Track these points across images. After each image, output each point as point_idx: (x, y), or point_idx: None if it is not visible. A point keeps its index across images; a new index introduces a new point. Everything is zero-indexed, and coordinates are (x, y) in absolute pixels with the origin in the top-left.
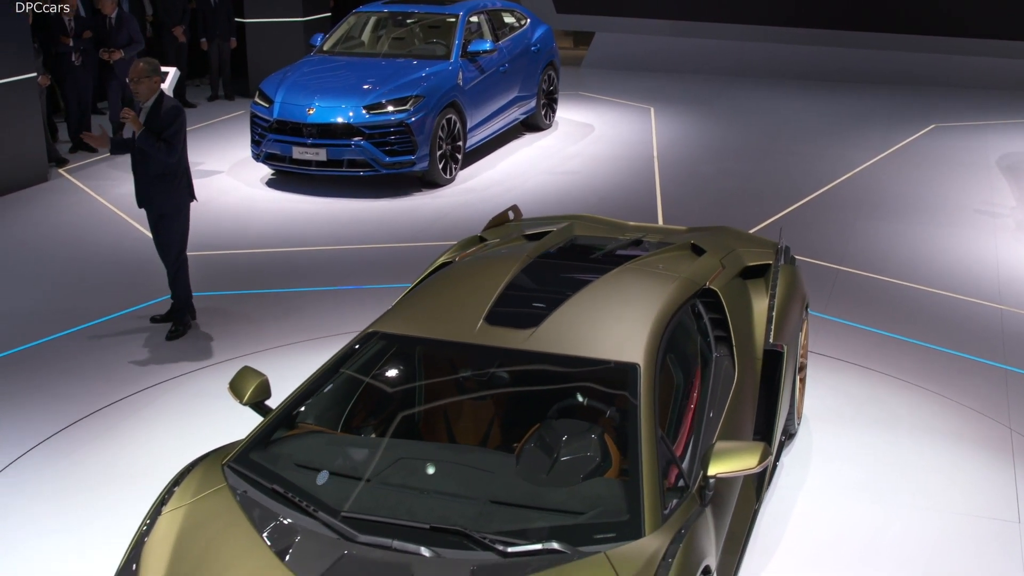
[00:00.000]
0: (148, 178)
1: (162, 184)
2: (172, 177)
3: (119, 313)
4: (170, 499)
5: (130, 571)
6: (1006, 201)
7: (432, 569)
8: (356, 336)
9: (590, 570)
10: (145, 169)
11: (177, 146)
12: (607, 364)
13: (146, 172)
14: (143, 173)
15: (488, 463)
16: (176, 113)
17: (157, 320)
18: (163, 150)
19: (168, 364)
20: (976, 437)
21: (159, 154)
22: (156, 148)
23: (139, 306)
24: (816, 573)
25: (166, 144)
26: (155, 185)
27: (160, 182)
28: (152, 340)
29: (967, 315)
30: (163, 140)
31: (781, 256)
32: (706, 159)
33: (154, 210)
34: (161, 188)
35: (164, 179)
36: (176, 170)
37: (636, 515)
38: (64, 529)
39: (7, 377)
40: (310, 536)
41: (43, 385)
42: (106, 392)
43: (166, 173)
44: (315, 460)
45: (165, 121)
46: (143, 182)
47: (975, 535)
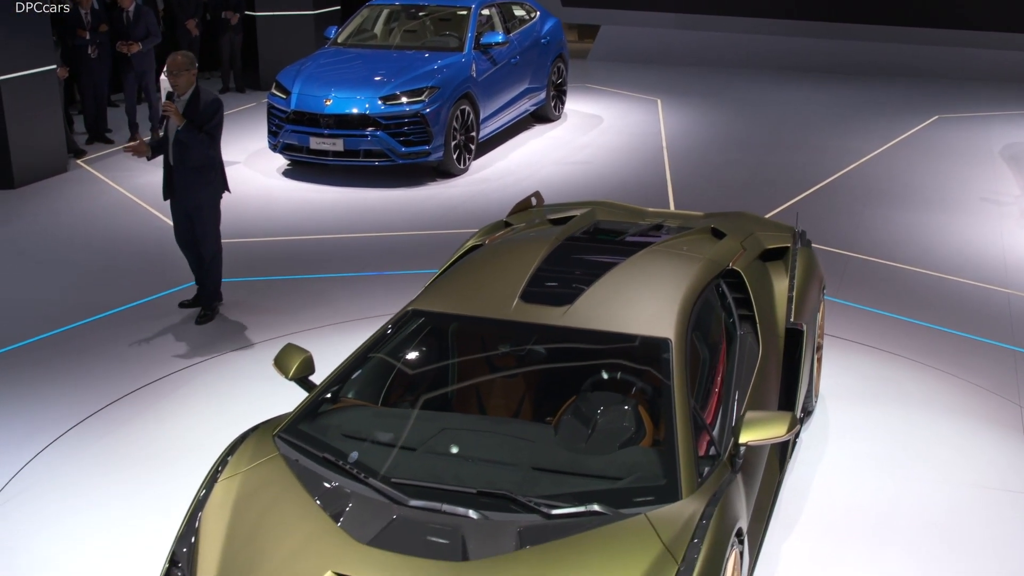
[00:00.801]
0: (186, 170)
1: (200, 176)
2: (209, 169)
3: (146, 299)
4: (225, 468)
5: (190, 536)
6: (1010, 190)
7: (480, 530)
8: (395, 315)
9: (631, 531)
10: (183, 162)
11: (218, 138)
12: (640, 339)
13: (184, 165)
14: (181, 166)
15: (527, 433)
16: (218, 106)
17: (186, 305)
18: (205, 142)
19: (199, 347)
20: (987, 414)
21: (201, 147)
22: (199, 141)
23: (165, 292)
24: (836, 542)
25: (208, 137)
26: (193, 177)
27: (198, 174)
28: (182, 325)
29: (975, 299)
30: (205, 133)
31: (798, 239)
32: (714, 149)
33: (190, 202)
34: (199, 180)
35: (201, 171)
36: (213, 161)
37: (673, 479)
38: (113, 501)
39: (42, 361)
40: (362, 501)
41: (80, 367)
42: (142, 373)
43: (204, 165)
44: (362, 431)
45: (207, 114)
46: (181, 174)
47: (987, 506)
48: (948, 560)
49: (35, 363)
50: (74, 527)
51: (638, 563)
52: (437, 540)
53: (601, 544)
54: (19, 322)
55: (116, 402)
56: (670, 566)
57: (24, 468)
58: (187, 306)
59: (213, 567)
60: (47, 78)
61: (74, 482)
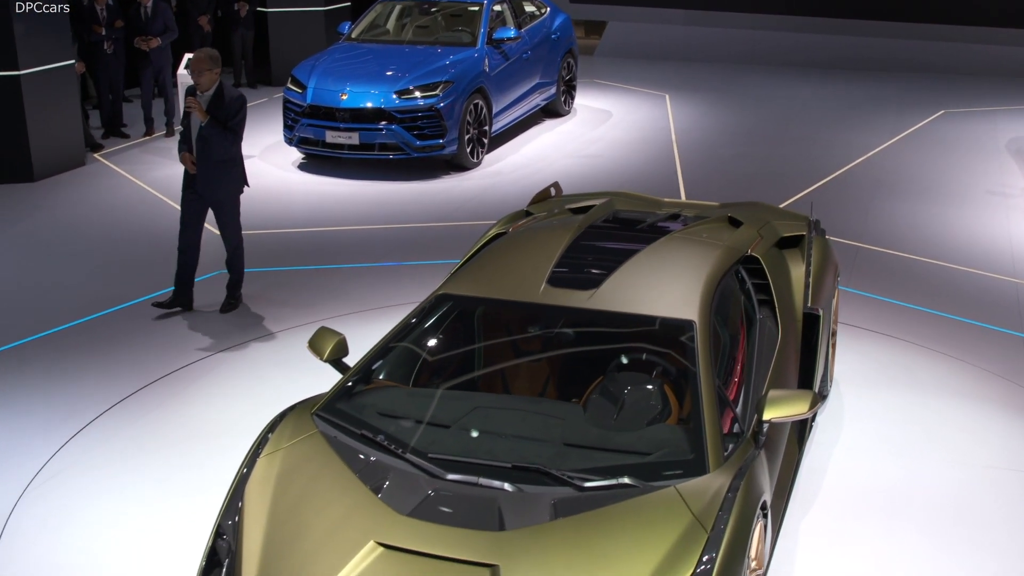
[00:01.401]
0: (209, 165)
1: (222, 171)
2: (232, 165)
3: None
4: (265, 445)
5: (235, 509)
6: (1017, 183)
7: (516, 502)
8: (425, 299)
9: (662, 502)
10: (207, 157)
11: (241, 134)
12: (665, 321)
13: (208, 160)
14: (205, 161)
15: (557, 412)
16: (242, 103)
17: (160, 306)
18: (229, 139)
19: (223, 336)
20: (997, 398)
21: (225, 143)
22: (223, 137)
23: None
24: (853, 520)
25: (232, 133)
26: (215, 172)
27: (220, 169)
28: (205, 314)
29: (984, 288)
30: (229, 129)
31: (813, 228)
32: (724, 143)
33: (212, 197)
34: (221, 175)
35: (224, 166)
36: (236, 156)
37: (700, 454)
38: (148, 481)
39: (72, 348)
40: (401, 475)
41: (108, 355)
42: (169, 361)
43: (226, 160)
44: (396, 410)
45: (231, 110)
46: (204, 170)
47: (998, 486)
48: (961, 538)
49: (65, 350)
50: (112, 505)
51: (669, 532)
52: (474, 511)
53: (633, 515)
54: (47, 311)
55: (145, 388)
56: (700, 535)
57: (60, 450)
58: (162, 306)
59: (258, 539)
60: (66, 73)
61: (109, 463)
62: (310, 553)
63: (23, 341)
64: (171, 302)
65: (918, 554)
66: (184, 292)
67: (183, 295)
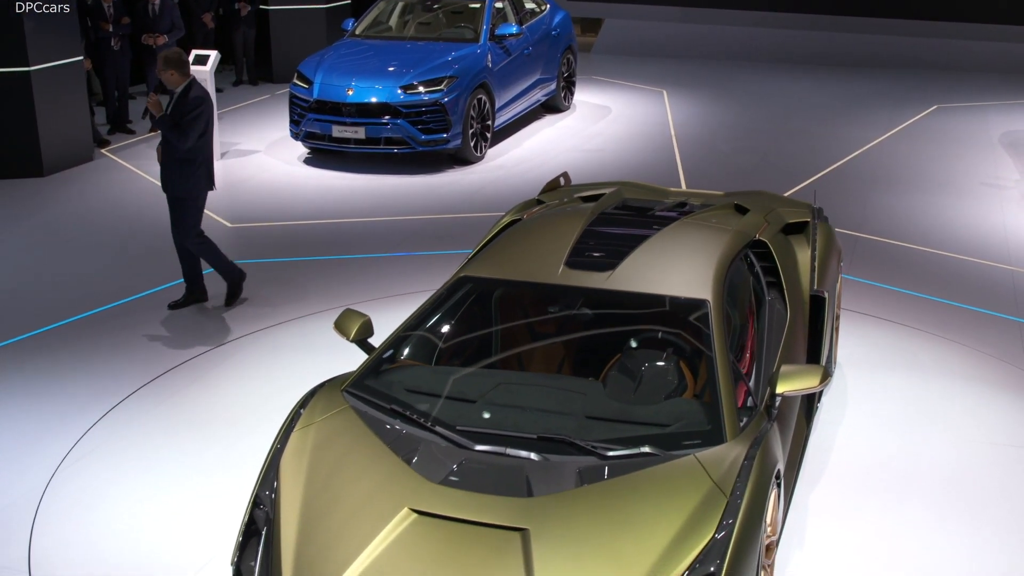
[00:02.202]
0: (170, 162)
1: (181, 169)
2: (191, 164)
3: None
4: (299, 420)
5: (271, 480)
6: (1010, 175)
7: (542, 471)
8: (446, 282)
9: (683, 470)
10: (168, 153)
11: (191, 134)
12: (680, 300)
13: (169, 156)
14: (167, 157)
15: (578, 387)
16: (197, 103)
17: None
18: (175, 136)
19: (240, 323)
20: (994, 379)
21: (173, 139)
22: (171, 134)
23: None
24: (859, 494)
25: (179, 131)
26: (175, 170)
27: (180, 167)
28: (217, 304)
29: (981, 276)
30: (178, 126)
31: (817, 215)
32: (722, 137)
33: (171, 193)
34: (180, 173)
35: (184, 164)
36: (195, 157)
37: (717, 425)
38: (176, 460)
39: (93, 335)
40: (431, 447)
41: (129, 341)
42: (189, 347)
43: (186, 159)
44: (423, 386)
45: (186, 109)
46: (166, 166)
47: (998, 461)
48: (963, 510)
49: (85, 338)
50: (141, 484)
51: (691, 498)
52: (503, 479)
53: (655, 481)
54: (65, 300)
55: (166, 374)
56: (720, 500)
57: (87, 433)
58: (177, 307)
59: (295, 507)
60: (75, 69)
61: (135, 445)
62: (346, 520)
63: (44, 329)
64: (185, 300)
65: (922, 526)
66: (195, 287)
67: (194, 290)
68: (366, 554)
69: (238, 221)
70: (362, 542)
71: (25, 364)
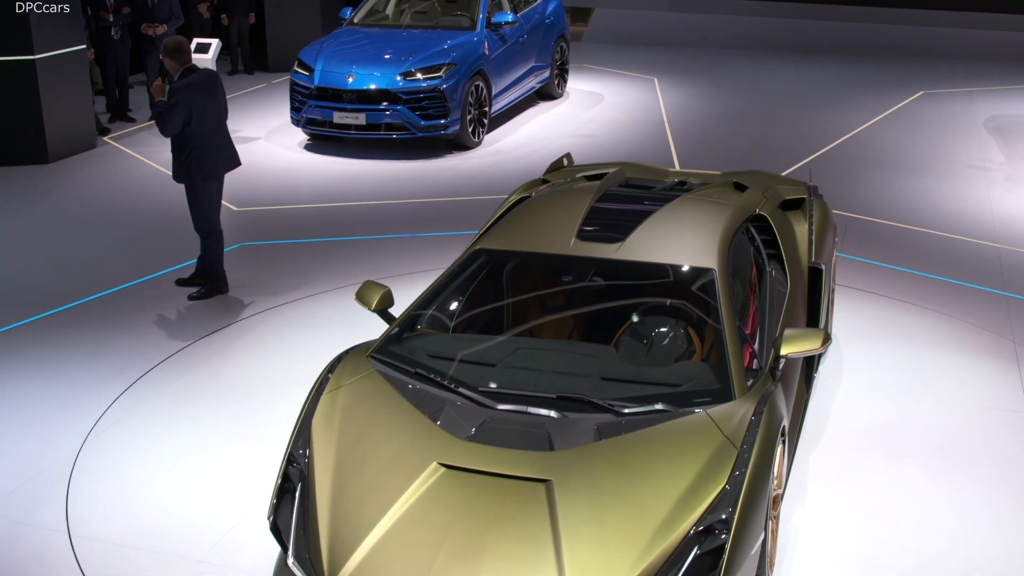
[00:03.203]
0: (172, 149)
1: (175, 157)
2: (179, 151)
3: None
4: (327, 383)
5: (303, 440)
6: (995, 157)
7: (562, 427)
8: (462, 254)
9: (695, 425)
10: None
11: (167, 123)
12: (687, 269)
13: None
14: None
15: (592, 352)
16: (175, 91)
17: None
18: (157, 125)
19: (250, 303)
20: (984, 348)
21: (157, 125)
22: (156, 122)
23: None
24: (857, 454)
25: (159, 120)
26: (173, 157)
27: (174, 155)
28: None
29: (968, 253)
30: (159, 116)
31: (812, 192)
32: (714, 122)
33: (177, 180)
34: (175, 160)
35: (175, 152)
36: (184, 145)
37: (726, 383)
38: (202, 429)
39: (113, 312)
40: (456, 407)
41: (148, 318)
42: (207, 323)
43: (176, 146)
44: (445, 352)
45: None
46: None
47: (987, 424)
48: (953, 469)
49: (104, 315)
50: (170, 450)
51: (703, 450)
52: (526, 435)
53: (670, 436)
54: (83, 281)
55: (183, 350)
56: (731, 452)
57: (113, 404)
58: (184, 284)
59: (329, 464)
60: (78, 57)
61: (162, 414)
62: (378, 474)
63: (60, 309)
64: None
65: (915, 484)
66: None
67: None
68: (398, 505)
69: (244, 205)
70: (394, 494)
71: (43, 343)
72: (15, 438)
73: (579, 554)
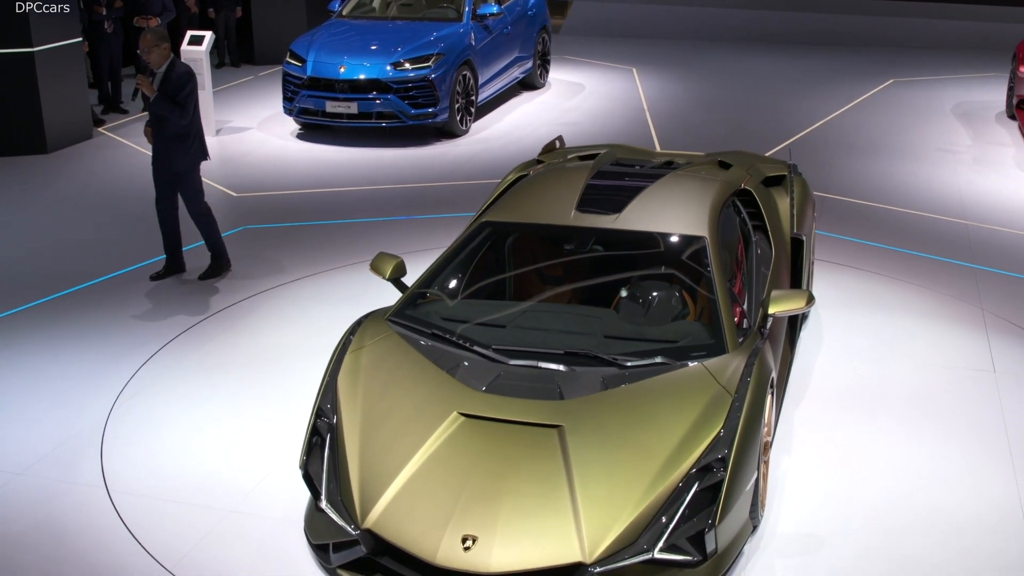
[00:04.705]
0: (165, 140)
1: (178, 145)
2: (186, 138)
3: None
4: (350, 345)
5: (330, 395)
6: (963, 141)
7: (571, 379)
8: (468, 226)
9: (693, 375)
10: (161, 132)
11: (189, 108)
12: (681, 237)
13: (162, 135)
14: (160, 136)
15: (594, 313)
16: (188, 77)
17: (157, 277)
18: (176, 113)
19: (257, 281)
20: (954, 315)
21: (173, 116)
22: (171, 111)
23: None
24: (837, 411)
25: (179, 107)
26: (172, 146)
27: (176, 143)
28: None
29: (938, 229)
30: (177, 103)
31: (792, 170)
32: (692, 111)
33: (171, 170)
34: (177, 149)
35: (180, 140)
36: (190, 131)
37: (720, 338)
38: (223, 396)
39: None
40: (471, 362)
41: (162, 295)
42: (220, 299)
43: (181, 135)
44: (457, 315)
45: (178, 85)
46: (160, 145)
47: (956, 382)
48: (925, 422)
49: (121, 292)
50: (196, 413)
51: (701, 398)
52: (538, 386)
53: (670, 385)
54: (94, 262)
55: (200, 323)
56: (726, 399)
57: (137, 372)
58: (159, 278)
59: (356, 416)
60: (75, 50)
61: (184, 382)
62: (402, 424)
63: (75, 289)
64: (165, 271)
65: (891, 435)
66: (175, 259)
67: (174, 262)
68: (422, 451)
69: (243, 191)
70: (418, 441)
71: (61, 320)
72: (45, 407)
73: (591, 491)
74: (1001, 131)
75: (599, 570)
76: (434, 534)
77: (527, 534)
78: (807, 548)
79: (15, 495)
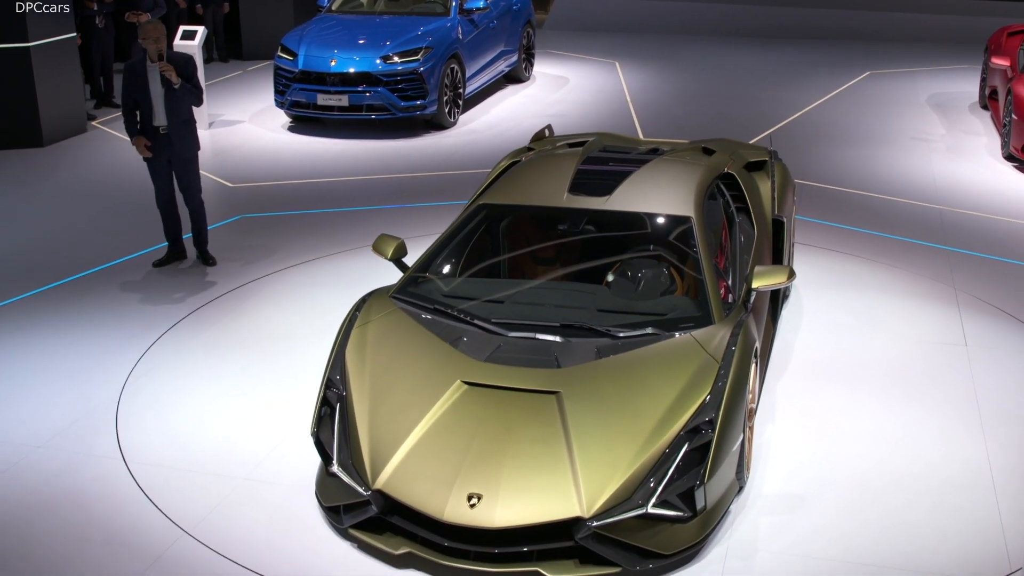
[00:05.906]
0: (179, 125)
1: (188, 128)
2: (193, 122)
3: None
4: (356, 320)
5: (339, 367)
6: (937, 131)
7: (567, 349)
8: (466, 208)
9: (681, 345)
10: (178, 117)
11: (202, 91)
12: (669, 217)
13: (178, 120)
14: (175, 121)
15: (587, 290)
16: (193, 62)
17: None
18: (197, 93)
19: (257, 267)
20: (927, 293)
21: (194, 98)
22: (192, 93)
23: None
24: (817, 382)
25: (198, 89)
26: (184, 131)
27: (187, 127)
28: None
29: (912, 213)
30: (195, 86)
31: (772, 156)
32: (675, 103)
33: (185, 154)
34: (191, 131)
35: (189, 124)
36: (192, 117)
37: (706, 311)
38: (232, 375)
39: (124, 280)
40: (472, 335)
41: (160, 283)
42: (223, 283)
43: (190, 118)
44: (458, 292)
45: (189, 69)
46: (175, 130)
47: (929, 355)
48: (901, 393)
49: (124, 278)
50: (207, 389)
51: (690, 365)
52: (536, 356)
53: (660, 354)
54: (97, 250)
55: (206, 305)
56: (713, 366)
57: (147, 352)
58: (161, 264)
59: (364, 386)
60: (69, 45)
61: (194, 360)
62: (409, 393)
63: (81, 275)
64: (167, 258)
65: (869, 405)
66: (176, 246)
67: (176, 249)
68: (428, 417)
69: (238, 181)
70: (424, 408)
71: (68, 305)
72: (59, 385)
73: (587, 451)
74: (974, 120)
75: (596, 524)
76: (441, 493)
77: (529, 491)
78: (790, 507)
79: (36, 467)
